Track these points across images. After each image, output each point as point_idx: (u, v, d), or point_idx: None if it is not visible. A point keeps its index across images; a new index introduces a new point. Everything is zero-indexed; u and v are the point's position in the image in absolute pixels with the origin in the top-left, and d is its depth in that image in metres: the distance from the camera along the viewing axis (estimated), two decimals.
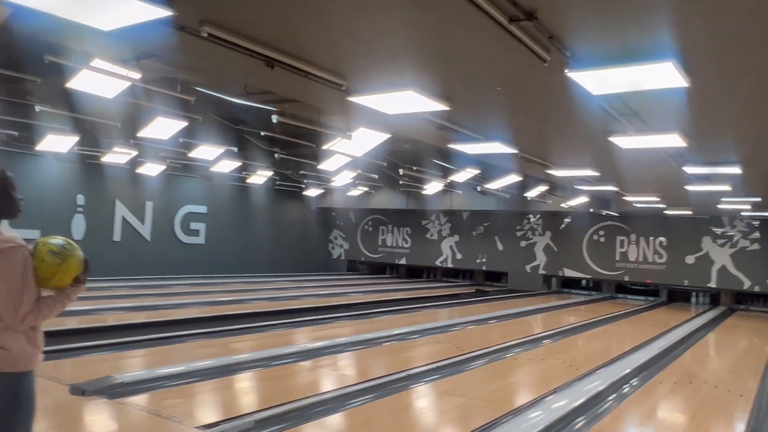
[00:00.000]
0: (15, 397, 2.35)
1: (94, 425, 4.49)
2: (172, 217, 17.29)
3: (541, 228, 18.58)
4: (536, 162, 8.42)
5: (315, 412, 4.92)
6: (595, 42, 3.56)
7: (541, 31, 3.25)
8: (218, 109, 9.61)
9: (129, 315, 9.48)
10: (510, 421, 4.92)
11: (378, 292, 15.71)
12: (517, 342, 8.85)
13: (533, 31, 3.26)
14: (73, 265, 2.44)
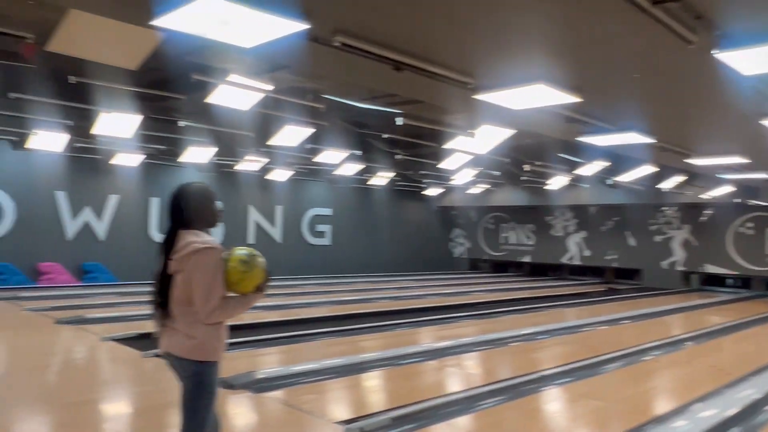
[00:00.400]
0: (201, 384, 2.66)
1: (242, 416, 4.80)
2: (299, 220, 18.13)
3: (678, 221, 17.31)
4: (675, 151, 7.85)
5: (444, 412, 4.91)
6: (748, 19, 3.25)
7: (687, 11, 3.01)
8: (342, 115, 9.93)
9: (264, 314, 10.02)
10: (654, 429, 4.63)
11: (502, 290, 15.43)
12: (655, 344, 8.30)
13: (678, 12, 3.04)
14: (257, 274, 2.72)
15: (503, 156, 11.66)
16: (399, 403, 4.98)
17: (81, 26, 4.13)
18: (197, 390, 2.66)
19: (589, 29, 3.54)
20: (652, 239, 17.77)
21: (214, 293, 2.60)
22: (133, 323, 8.46)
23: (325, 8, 3.15)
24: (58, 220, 13.41)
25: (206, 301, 2.59)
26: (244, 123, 9.33)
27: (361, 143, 12.09)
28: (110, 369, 6.46)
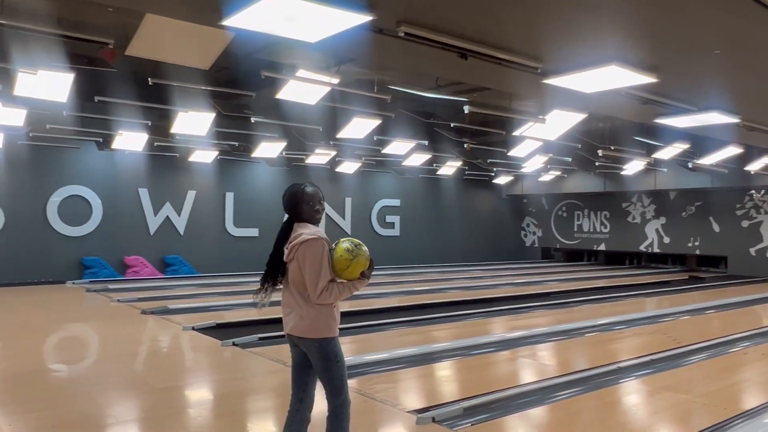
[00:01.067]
0: (325, 357, 3.05)
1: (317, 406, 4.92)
2: (369, 211, 18.29)
3: (767, 205, 16.28)
4: (763, 130, 7.36)
5: (518, 403, 4.85)
6: None
7: None
8: (409, 105, 9.92)
9: None
10: (743, 425, 4.39)
11: (576, 280, 15.04)
12: (744, 335, 7.86)
13: None
14: (361, 262, 3.06)
15: (575, 141, 11.30)
16: (471, 393, 4.96)
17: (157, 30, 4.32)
18: (324, 362, 3.05)
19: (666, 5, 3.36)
20: (738, 224, 16.79)
21: (322, 278, 2.97)
22: (212, 313, 8.85)
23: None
24: (142, 216, 14.12)
25: (315, 284, 2.97)
26: (313, 117, 9.50)
27: (428, 133, 12.05)
28: (192, 357, 6.78)
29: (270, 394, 5.19)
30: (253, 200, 15.86)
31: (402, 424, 4.35)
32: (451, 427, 4.20)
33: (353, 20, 3.08)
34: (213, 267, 14.67)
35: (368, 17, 3.09)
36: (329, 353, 3.05)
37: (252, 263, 15.20)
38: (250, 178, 15.91)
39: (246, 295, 10.88)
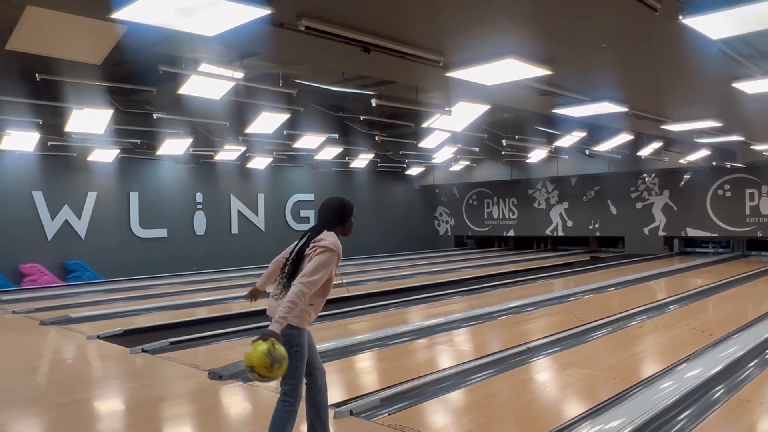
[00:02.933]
0: (287, 344, 3.16)
1: (233, 406, 4.82)
2: (283, 207, 18.07)
3: (657, 187, 17.51)
4: (650, 118, 7.90)
5: (436, 389, 4.97)
6: None
7: None
8: (318, 99, 9.86)
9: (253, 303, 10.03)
10: (641, 392, 4.72)
11: (488, 266, 15.56)
12: (640, 309, 8.44)
13: None
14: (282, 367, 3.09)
15: (481, 132, 11.66)
16: (390, 383, 5.02)
17: (40, 23, 4.03)
18: (286, 348, 3.14)
19: (558, 2, 3.52)
20: (633, 206, 17.98)
21: (314, 279, 3.21)
22: (119, 320, 8.43)
23: None
24: (37, 221, 13.24)
25: (308, 278, 3.19)
26: (219, 112, 9.24)
27: (339, 126, 12.04)
28: (98, 367, 6.44)
29: (184, 399, 5.02)
30: (159, 200, 15.25)
31: None
32: (369, 418, 4.24)
33: (251, 14, 3.02)
34: (119, 271, 13.99)
35: (266, 11, 3.03)
36: (292, 342, 3.25)
37: (161, 265, 14.65)
38: (156, 176, 15.28)
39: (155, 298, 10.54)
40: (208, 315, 8.85)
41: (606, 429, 3.94)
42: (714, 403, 4.51)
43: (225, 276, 14.07)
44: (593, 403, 4.50)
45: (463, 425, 4.18)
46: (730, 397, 4.61)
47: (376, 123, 11.34)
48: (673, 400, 4.42)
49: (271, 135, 10.48)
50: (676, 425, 4.09)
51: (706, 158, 13.72)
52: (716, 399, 4.61)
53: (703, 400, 4.58)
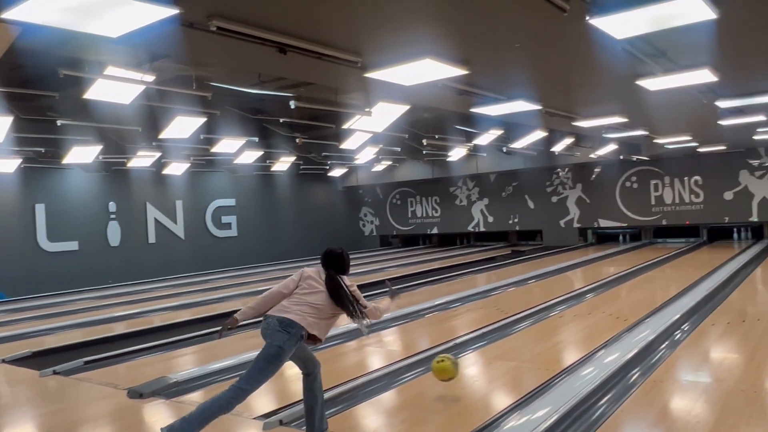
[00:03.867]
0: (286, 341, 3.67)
1: (156, 425, 4.59)
2: (203, 214, 17.53)
3: (571, 181, 18.29)
4: (562, 115, 8.22)
5: (368, 391, 4.94)
6: None
7: None
8: (235, 102, 9.60)
9: (173, 314, 9.65)
10: (564, 381, 4.88)
11: (414, 264, 15.72)
12: (560, 299, 8.77)
13: None
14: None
15: (402, 132, 11.76)
16: None
17: None
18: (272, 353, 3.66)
19: (471, 3, 3.57)
20: (549, 200, 18.69)
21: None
22: (27, 341, 7.87)
23: None
24: None
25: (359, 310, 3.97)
26: (130, 117, 8.81)
27: (258, 129, 11.79)
28: (5, 393, 5.97)
29: (103, 422, 4.74)
30: (69, 211, 14.41)
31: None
32: (300, 426, 4.15)
33: (157, 13, 2.86)
34: (25, 288, 13.09)
35: (174, 11, 2.89)
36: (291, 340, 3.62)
37: (73, 279, 13.84)
38: (64, 186, 14.42)
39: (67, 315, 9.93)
40: (127, 330, 8.42)
41: (533, 419, 4.03)
42: (631, 386, 4.73)
43: (143, 288, 13.47)
44: (520, 395, 4.61)
45: (396, 426, 4.18)
46: (645, 380, 4.85)
47: (297, 125, 11.19)
48: (594, 386, 4.60)
49: (188, 140, 10.11)
50: (598, 410, 4.26)
51: (614, 152, 14.45)
52: (633, 382, 4.84)
53: (621, 383, 4.80)
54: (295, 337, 3.67)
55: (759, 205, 15.29)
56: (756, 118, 9.09)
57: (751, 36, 4.87)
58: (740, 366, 5.14)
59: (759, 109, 8.45)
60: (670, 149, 14.06)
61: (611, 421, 4.01)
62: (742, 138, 12.32)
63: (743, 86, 6.97)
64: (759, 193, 15.29)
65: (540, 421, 3.94)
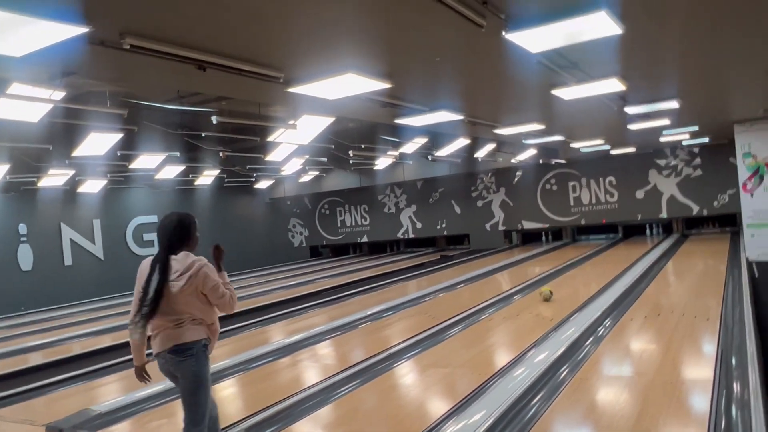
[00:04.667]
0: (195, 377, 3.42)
1: None
2: (123, 232, 16.81)
3: (494, 186, 18.82)
4: (483, 124, 8.45)
5: (303, 408, 4.88)
6: (529, 2, 3.54)
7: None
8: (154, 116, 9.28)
9: (95, 340, 9.19)
10: (497, 383, 4.99)
11: (345, 273, 15.69)
12: (488, 302, 8.98)
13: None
14: None
15: (328, 142, 11.74)
16: (254, 410, 4.85)
17: None
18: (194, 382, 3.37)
19: (390, 18, 3.62)
20: (474, 205, 19.15)
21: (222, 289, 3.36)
22: None
23: (106, 9, 2.82)
24: None
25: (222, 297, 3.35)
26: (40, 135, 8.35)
27: (179, 144, 11.45)
28: None
29: None
30: None
31: None
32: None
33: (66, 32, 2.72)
34: None
35: (83, 29, 2.76)
36: (202, 358, 3.31)
37: None
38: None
39: None
40: (43, 360, 7.94)
41: (470, 423, 4.11)
42: (561, 383, 4.90)
43: (60, 314, 12.75)
44: (455, 401, 4.68)
45: None
46: (573, 377, 5.03)
47: (220, 138, 10.94)
48: (526, 387, 4.74)
49: (104, 156, 9.68)
50: (531, 410, 4.39)
51: (534, 156, 15.00)
52: (562, 380, 5.02)
53: (551, 382, 4.96)
54: (198, 354, 3.31)
55: (668, 203, 16.27)
56: (661, 122, 9.69)
57: (654, 48, 5.20)
58: (658, 358, 5.43)
59: (663, 114, 9.00)
60: (586, 152, 14.75)
61: (543, 420, 4.14)
62: (650, 140, 13.09)
63: (648, 94, 7.41)
64: (667, 191, 16.27)
65: (477, 426, 4.02)
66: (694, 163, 15.87)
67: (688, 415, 4.09)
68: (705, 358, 5.36)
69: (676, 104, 7.94)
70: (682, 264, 11.71)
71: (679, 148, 15.90)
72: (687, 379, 4.79)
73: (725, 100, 8.82)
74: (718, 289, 8.35)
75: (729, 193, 15.24)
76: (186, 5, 2.99)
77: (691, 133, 12.41)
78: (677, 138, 13.28)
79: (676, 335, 6.11)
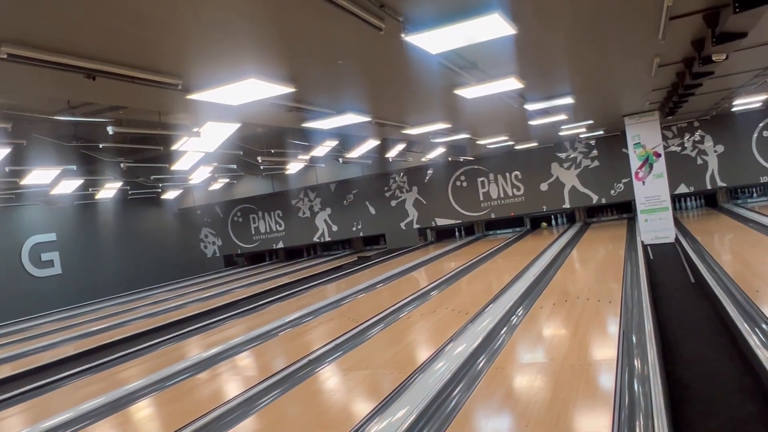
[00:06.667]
0: None
1: None
2: (17, 253, 15.66)
3: (407, 185, 19.10)
4: (391, 125, 8.55)
5: (224, 423, 4.76)
6: (424, 4, 3.61)
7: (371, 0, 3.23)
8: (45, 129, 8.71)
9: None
10: (418, 379, 5.07)
11: (261, 281, 15.41)
12: (407, 300, 9.09)
13: (364, 2, 3.23)
14: None
15: (236, 149, 11.48)
16: (174, 428, 4.67)
17: None
18: None
19: (288, 23, 3.58)
20: (389, 204, 19.36)
21: None
22: None
23: None
24: None
25: None
26: None
27: (76, 156, 10.82)
28: None
29: None
30: None
31: None
32: None
33: None
34: None
35: None
36: None
37: None
38: None
39: None
40: None
41: (394, 421, 4.15)
42: (479, 373, 5.05)
43: None
44: (378, 400, 4.71)
45: None
46: (490, 366, 5.20)
47: (120, 149, 10.44)
48: (446, 380, 4.85)
49: None
50: (452, 401, 4.50)
51: (443, 155, 15.36)
52: (480, 370, 5.18)
53: (470, 373, 5.11)
54: None
55: (569, 193, 17.14)
56: (558, 117, 10.19)
57: (546, 48, 5.46)
58: (566, 343, 5.71)
59: (560, 110, 9.48)
60: (491, 149, 15.27)
61: (464, 410, 4.26)
62: (550, 134, 13.75)
63: (545, 91, 7.78)
64: (568, 183, 17.14)
65: (400, 422, 4.06)
66: (592, 155, 16.81)
67: (595, 394, 4.32)
68: (609, 338, 5.69)
69: (570, 100, 8.38)
70: (585, 251, 12.36)
71: (578, 141, 16.79)
72: (594, 360, 5.06)
73: (615, 95, 9.40)
74: (618, 272, 8.89)
75: (624, 182, 16.28)
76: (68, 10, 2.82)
77: (587, 126, 13.14)
78: (575, 132, 14.03)
79: (582, 319, 6.45)
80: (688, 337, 5.67)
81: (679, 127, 16.00)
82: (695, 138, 15.87)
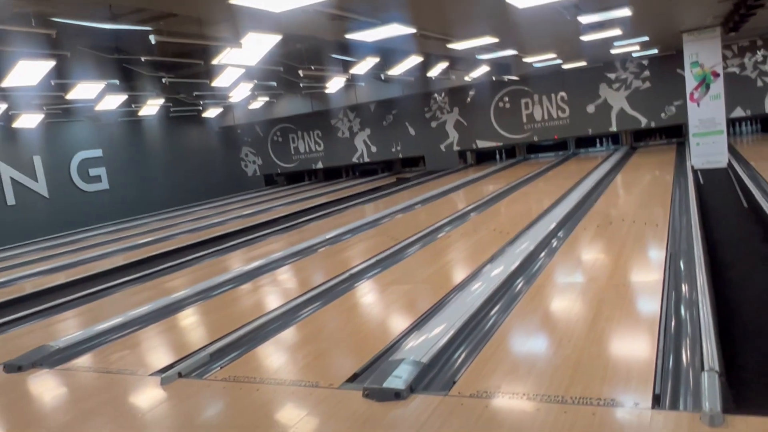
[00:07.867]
0: None
1: (43, 396, 4.29)
2: (67, 168, 16.13)
3: (448, 105, 18.67)
4: (436, 38, 8.23)
5: (266, 332, 4.90)
6: None
7: None
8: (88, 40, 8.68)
9: (49, 278, 8.96)
10: (456, 297, 5.10)
11: (301, 200, 15.57)
12: (446, 221, 9.07)
13: None
14: None
15: (277, 65, 11.29)
16: (217, 336, 4.85)
17: None
18: None
19: None
20: (428, 126, 19.03)
21: None
22: None
23: None
24: None
25: None
26: None
27: (118, 71, 10.83)
28: None
29: None
30: None
31: (146, 389, 4.02)
32: (200, 376, 4.05)
33: None
34: None
35: None
36: None
37: None
38: None
39: None
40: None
41: (431, 337, 4.19)
42: (517, 294, 5.04)
43: (7, 255, 12.35)
44: (416, 316, 4.78)
45: (298, 362, 4.19)
46: (529, 287, 5.18)
47: (161, 63, 10.38)
48: (484, 299, 4.85)
49: (37, 87, 9.07)
50: (490, 320, 4.51)
51: (487, 74, 14.84)
52: (519, 291, 5.16)
53: (508, 294, 5.10)
54: None
55: (617, 116, 16.50)
56: (612, 32, 9.63)
57: None
58: (610, 263, 5.62)
59: (615, 24, 8.94)
60: (537, 68, 14.66)
61: (502, 329, 4.27)
62: (601, 53, 13.07)
63: (601, 1, 7.31)
64: (616, 105, 16.46)
65: (438, 338, 4.10)
66: (643, 75, 16.01)
67: (639, 315, 4.27)
68: (655, 262, 5.57)
69: (628, 12, 7.87)
70: (630, 176, 12.01)
71: (629, 60, 15.97)
72: (638, 282, 4.98)
73: (675, 7, 8.79)
74: (666, 197, 8.62)
75: (675, 105, 15.54)
76: None
77: (641, 44, 12.43)
78: (627, 50, 13.30)
79: (627, 242, 6.32)
80: (738, 262, 5.51)
81: (740, 46, 15.00)
82: (757, 58, 14.90)
